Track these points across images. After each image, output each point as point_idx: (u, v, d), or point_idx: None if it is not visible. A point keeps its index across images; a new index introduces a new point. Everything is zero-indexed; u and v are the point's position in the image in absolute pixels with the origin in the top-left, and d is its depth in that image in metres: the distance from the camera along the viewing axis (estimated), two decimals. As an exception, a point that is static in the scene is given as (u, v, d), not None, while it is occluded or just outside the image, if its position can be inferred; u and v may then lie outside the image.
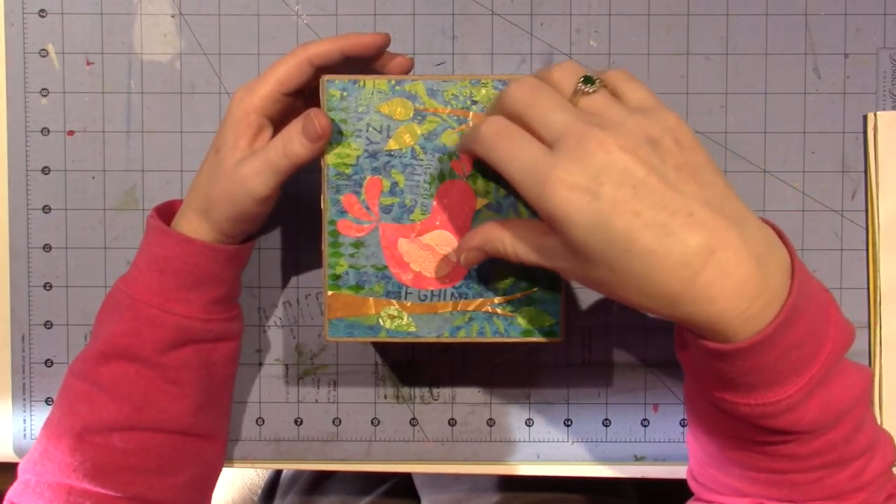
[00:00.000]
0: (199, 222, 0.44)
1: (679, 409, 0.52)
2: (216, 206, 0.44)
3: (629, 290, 0.34)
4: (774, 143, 0.51)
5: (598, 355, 0.52)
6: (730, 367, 0.35)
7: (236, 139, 0.43)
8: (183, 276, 0.44)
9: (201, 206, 0.44)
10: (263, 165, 0.42)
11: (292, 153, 0.41)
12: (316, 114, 0.41)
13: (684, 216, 0.33)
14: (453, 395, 0.53)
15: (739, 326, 0.33)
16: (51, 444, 0.44)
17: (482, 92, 0.44)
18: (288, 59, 0.43)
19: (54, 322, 0.53)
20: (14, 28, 0.52)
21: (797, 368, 0.35)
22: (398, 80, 0.43)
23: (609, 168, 0.33)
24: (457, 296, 0.44)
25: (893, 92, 0.51)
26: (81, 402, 0.45)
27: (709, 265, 0.33)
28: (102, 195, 0.52)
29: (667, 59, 0.51)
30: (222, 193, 0.43)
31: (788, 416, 0.35)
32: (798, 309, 0.34)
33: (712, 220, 0.33)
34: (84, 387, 0.45)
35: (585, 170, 0.33)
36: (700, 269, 0.33)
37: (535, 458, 0.53)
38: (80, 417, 0.44)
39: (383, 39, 0.44)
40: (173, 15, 0.52)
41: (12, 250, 0.52)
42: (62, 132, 0.52)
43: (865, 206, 0.52)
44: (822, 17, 0.51)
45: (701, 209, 0.33)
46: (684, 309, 0.34)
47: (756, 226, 0.35)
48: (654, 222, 0.33)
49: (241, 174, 0.42)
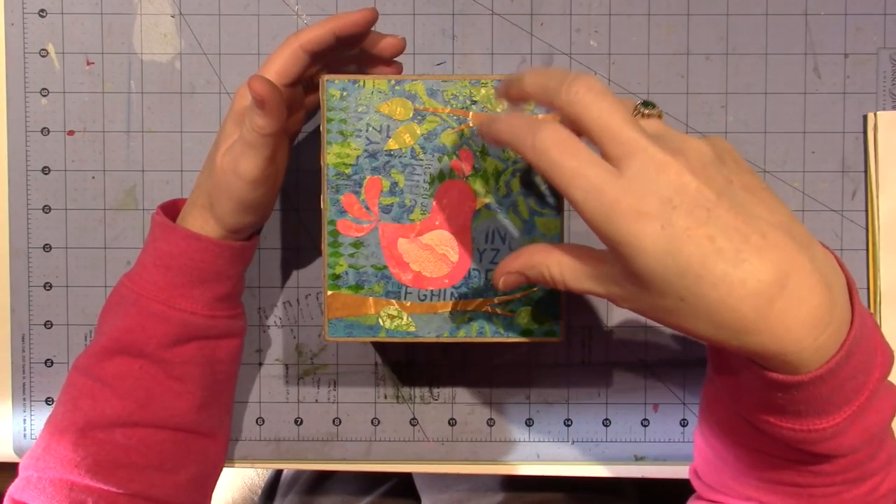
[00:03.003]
0: (204, 219, 0.45)
1: (679, 409, 0.52)
2: (217, 199, 0.44)
3: (698, 320, 0.32)
4: (774, 143, 0.51)
5: (598, 355, 0.52)
6: (784, 396, 0.33)
7: (233, 133, 0.43)
8: (189, 272, 0.45)
9: (205, 202, 0.45)
10: (241, 146, 0.42)
11: (255, 125, 0.41)
12: (252, 80, 0.41)
13: (758, 239, 0.31)
14: (453, 395, 0.53)
15: (809, 357, 0.32)
16: (53, 440, 0.44)
17: (482, 92, 0.44)
18: (282, 50, 0.43)
19: (54, 322, 0.53)
20: (14, 28, 0.52)
21: (848, 398, 0.33)
22: (398, 80, 0.43)
23: (681, 192, 0.31)
24: (457, 296, 0.44)
25: (893, 92, 0.51)
26: (85, 397, 0.45)
27: (784, 292, 0.31)
28: (102, 195, 0.52)
29: (667, 59, 0.51)
30: (219, 185, 0.43)
31: (831, 443, 0.34)
32: (857, 339, 0.33)
33: (785, 244, 0.31)
34: (87, 382, 0.45)
35: (657, 194, 0.31)
36: (775, 297, 0.31)
37: (535, 458, 0.53)
38: (83, 413, 0.44)
39: (371, 14, 0.44)
40: (173, 15, 0.52)
41: (12, 250, 0.52)
42: (62, 132, 0.52)
43: (865, 206, 0.52)
44: (822, 17, 0.51)
45: (773, 232, 0.32)
46: (756, 339, 0.32)
47: (821, 250, 0.34)
48: (728, 247, 0.31)
49: (227, 160, 0.43)
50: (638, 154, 0.32)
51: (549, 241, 0.44)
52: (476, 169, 0.44)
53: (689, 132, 0.51)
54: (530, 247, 0.38)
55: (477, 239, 0.44)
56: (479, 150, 0.44)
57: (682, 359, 0.52)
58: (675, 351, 0.52)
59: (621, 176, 0.32)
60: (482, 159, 0.44)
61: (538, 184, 0.44)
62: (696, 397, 0.52)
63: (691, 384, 0.52)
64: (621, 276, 0.34)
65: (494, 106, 0.44)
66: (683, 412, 0.52)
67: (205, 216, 0.45)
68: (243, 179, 0.43)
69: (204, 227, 0.45)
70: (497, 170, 0.44)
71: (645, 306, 0.34)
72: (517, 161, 0.44)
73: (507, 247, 0.44)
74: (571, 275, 0.36)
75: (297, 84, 0.44)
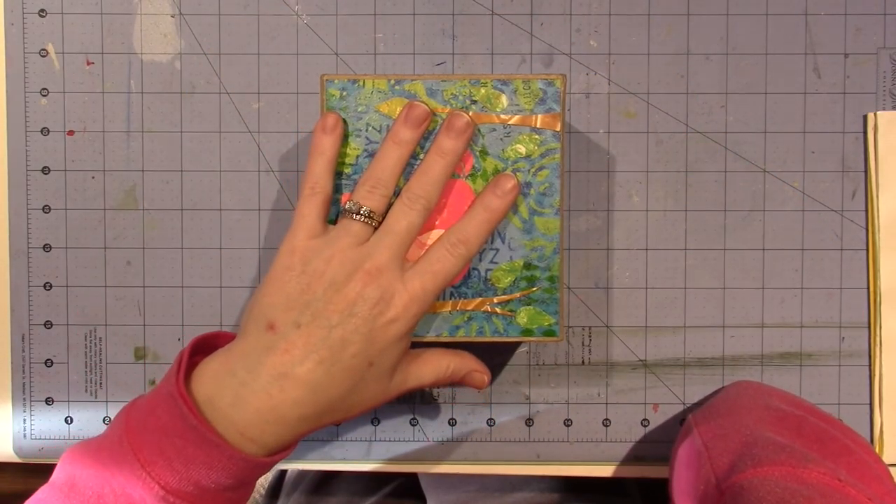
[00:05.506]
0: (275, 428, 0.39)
1: (679, 409, 0.52)
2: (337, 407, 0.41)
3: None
4: (774, 143, 0.51)
5: (598, 355, 0.52)
6: None
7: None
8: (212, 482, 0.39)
9: (269, 418, 0.39)
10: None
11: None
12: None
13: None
14: (453, 395, 0.53)
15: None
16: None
17: (482, 92, 0.44)
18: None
19: (54, 322, 0.53)
20: (14, 28, 0.52)
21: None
22: (398, 79, 0.43)
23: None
24: (456, 295, 0.44)
25: (893, 92, 0.51)
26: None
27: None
28: (102, 195, 0.52)
29: (667, 59, 0.51)
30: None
31: None
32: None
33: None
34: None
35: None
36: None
37: (535, 458, 0.53)
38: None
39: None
40: (173, 15, 0.52)
41: (12, 250, 0.52)
42: (62, 132, 0.52)
43: (865, 206, 0.52)
44: (822, 17, 0.51)
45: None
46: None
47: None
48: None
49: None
50: None
51: (548, 240, 0.44)
52: (476, 169, 0.44)
53: (690, 132, 0.51)
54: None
55: (477, 239, 0.44)
56: (479, 150, 0.44)
57: (682, 359, 0.52)
58: (676, 351, 0.52)
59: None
60: (482, 159, 0.44)
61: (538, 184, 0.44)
62: (696, 397, 0.52)
63: (691, 384, 0.52)
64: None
65: (494, 106, 0.44)
66: (683, 412, 0.52)
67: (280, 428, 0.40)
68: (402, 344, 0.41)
69: (263, 438, 0.39)
70: (497, 170, 0.44)
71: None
72: (517, 161, 0.44)
73: (506, 247, 0.44)
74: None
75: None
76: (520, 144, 0.44)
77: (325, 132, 0.42)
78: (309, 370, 0.38)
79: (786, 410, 0.44)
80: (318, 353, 0.39)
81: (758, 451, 0.39)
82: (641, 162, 0.51)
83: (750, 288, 0.52)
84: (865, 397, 0.52)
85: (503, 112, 0.44)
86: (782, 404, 0.45)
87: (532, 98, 0.44)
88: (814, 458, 0.39)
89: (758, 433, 0.41)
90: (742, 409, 0.44)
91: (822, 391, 0.52)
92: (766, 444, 0.40)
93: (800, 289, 0.52)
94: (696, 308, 0.52)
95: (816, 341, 0.52)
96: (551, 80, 0.44)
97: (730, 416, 0.44)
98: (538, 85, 0.44)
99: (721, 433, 0.43)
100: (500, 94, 0.44)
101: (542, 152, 0.44)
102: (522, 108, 0.44)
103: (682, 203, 0.51)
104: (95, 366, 0.53)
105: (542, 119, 0.44)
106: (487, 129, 0.44)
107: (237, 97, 0.52)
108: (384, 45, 0.51)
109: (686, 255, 0.52)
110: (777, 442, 0.40)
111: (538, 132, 0.44)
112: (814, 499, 0.35)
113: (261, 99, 0.52)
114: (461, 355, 0.45)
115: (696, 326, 0.52)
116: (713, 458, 0.41)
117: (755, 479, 0.38)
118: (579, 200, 0.51)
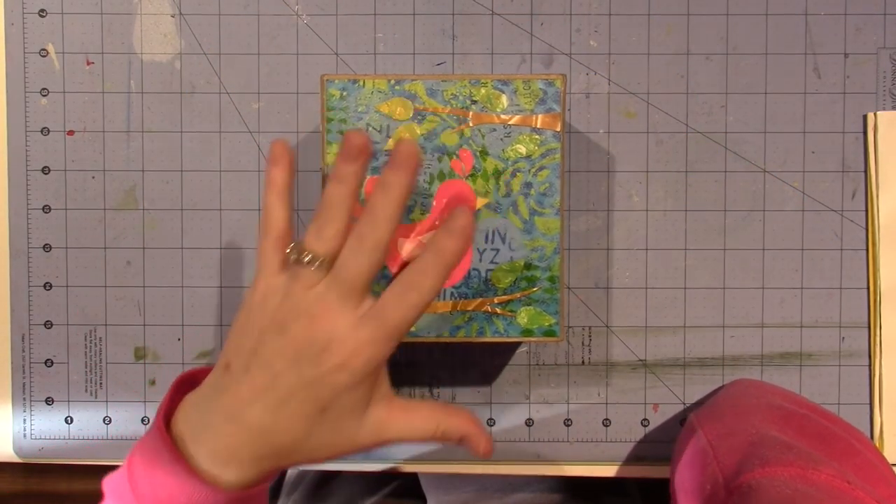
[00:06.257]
0: (252, 465, 0.39)
1: (679, 409, 0.52)
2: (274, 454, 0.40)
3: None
4: (774, 143, 0.51)
5: (598, 355, 0.52)
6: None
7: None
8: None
9: (254, 454, 0.39)
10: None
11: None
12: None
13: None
14: (453, 395, 0.53)
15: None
16: None
17: (482, 92, 0.44)
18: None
19: (54, 322, 0.53)
20: (14, 28, 0.52)
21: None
22: (398, 79, 0.43)
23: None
24: (456, 296, 0.44)
25: (893, 92, 0.51)
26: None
27: None
28: (102, 195, 0.52)
29: (667, 59, 0.51)
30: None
31: None
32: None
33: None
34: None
35: None
36: None
37: (535, 458, 0.53)
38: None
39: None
40: (173, 15, 0.52)
41: (12, 250, 0.52)
42: (62, 132, 0.52)
43: (865, 205, 0.52)
44: (822, 17, 0.51)
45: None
46: None
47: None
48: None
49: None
50: None
51: (548, 240, 0.44)
52: (476, 169, 0.44)
53: (690, 132, 0.51)
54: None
55: (477, 239, 0.44)
56: (479, 150, 0.44)
57: (681, 359, 0.52)
58: (676, 351, 0.52)
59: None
60: (482, 159, 0.44)
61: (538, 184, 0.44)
62: (696, 397, 0.52)
63: (691, 384, 0.52)
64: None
65: (494, 106, 0.44)
66: (683, 412, 0.52)
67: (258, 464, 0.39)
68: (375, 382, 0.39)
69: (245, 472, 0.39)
70: (497, 170, 0.44)
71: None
72: (517, 161, 0.44)
73: (507, 247, 0.44)
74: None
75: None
76: (520, 144, 0.44)
77: (272, 163, 0.40)
78: (256, 416, 0.38)
79: (789, 409, 0.44)
80: (264, 399, 0.38)
81: (765, 450, 0.39)
82: (641, 162, 0.51)
83: (750, 288, 0.52)
84: (865, 397, 0.52)
85: (503, 112, 0.44)
86: (785, 402, 0.45)
87: (532, 98, 0.44)
88: (821, 459, 0.39)
89: (764, 432, 0.41)
90: (746, 408, 0.44)
91: (822, 391, 0.52)
92: (773, 444, 0.40)
93: (800, 289, 0.52)
94: (696, 308, 0.52)
95: (816, 341, 0.52)
96: (551, 80, 0.44)
97: (734, 414, 0.44)
98: (538, 85, 0.44)
99: (726, 432, 0.43)
100: (500, 94, 0.44)
101: (542, 152, 0.44)
102: (523, 108, 0.44)
103: (682, 203, 0.51)
104: (95, 366, 0.53)
105: (542, 119, 0.44)
106: (488, 129, 0.44)
107: (237, 97, 0.52)
108: (384, 45, 0.51)
109: (686, 255, 0.52)
110: (784, 441, 0.40)
111: (538, 132, 0.44)
112: (823, 501, 0.35)
113: (261, 99, 0.52)
114: (458, 415, 0.40)
115: (696, 326, 0.52)
116: (719, 458, 0.40)
117: (763, 479, 0.37)
118: (579, 200, 0.51)
